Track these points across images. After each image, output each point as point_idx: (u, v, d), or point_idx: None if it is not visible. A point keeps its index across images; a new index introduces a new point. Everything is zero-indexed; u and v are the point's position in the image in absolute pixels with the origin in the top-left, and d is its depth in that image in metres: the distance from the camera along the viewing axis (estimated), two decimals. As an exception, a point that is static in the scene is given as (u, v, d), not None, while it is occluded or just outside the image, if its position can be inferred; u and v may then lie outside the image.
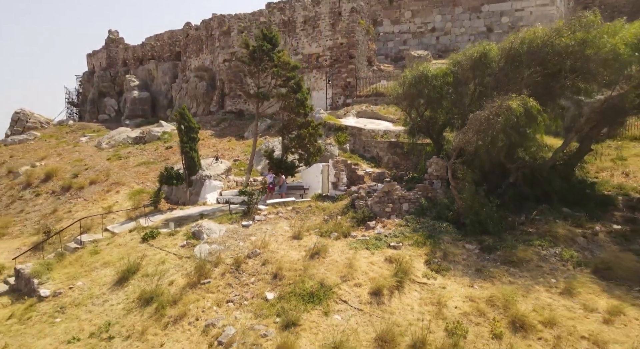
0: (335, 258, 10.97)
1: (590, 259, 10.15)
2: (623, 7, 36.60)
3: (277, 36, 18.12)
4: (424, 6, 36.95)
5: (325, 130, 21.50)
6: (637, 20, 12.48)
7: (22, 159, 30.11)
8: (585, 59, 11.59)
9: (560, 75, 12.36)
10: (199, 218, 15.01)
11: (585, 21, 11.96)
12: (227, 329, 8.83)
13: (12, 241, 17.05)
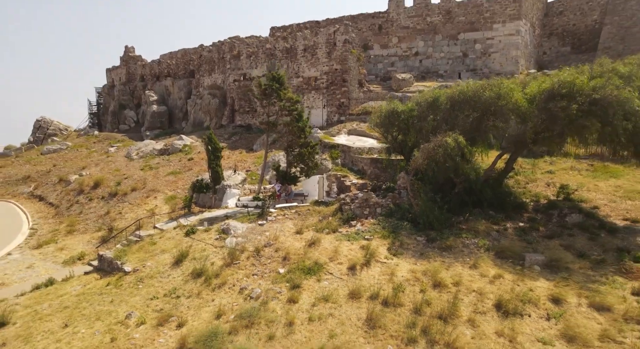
0: (325, 246, 15.68)
1: (496, 245, 14.88)
2: (582, 34, 41.37)
3: (284, 77, 22.86)
4: (408, 33, 41.71)
5: (321, 147, 26.28)
6: (535, 81, 17.13)
7: (65, 167, 34.85)
8: (500, 107, 16.33)
9: (485, 117, 17.09)
10: (225, 218, 19.74)
11: (498, 82, 16.63)
12: (255, 290, 13.54)
13: (81, 235, 21.81)
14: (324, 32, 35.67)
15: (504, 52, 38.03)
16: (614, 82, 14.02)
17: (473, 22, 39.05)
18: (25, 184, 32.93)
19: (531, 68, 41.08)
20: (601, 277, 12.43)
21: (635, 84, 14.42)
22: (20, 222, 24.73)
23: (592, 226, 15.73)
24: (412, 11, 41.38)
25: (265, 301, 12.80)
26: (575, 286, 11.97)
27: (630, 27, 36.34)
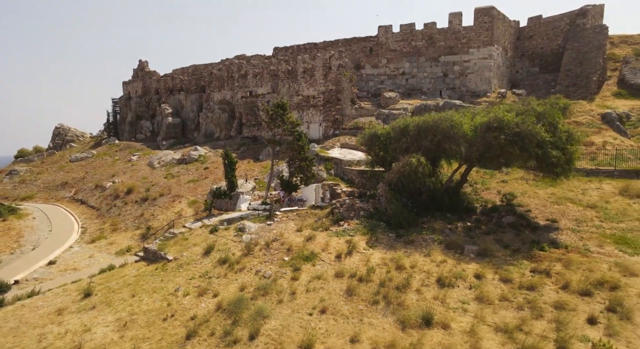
0: (319, 241, 20.41)
1: (446, 239, 19.61)
2: (548, 57, 46.18)
3: (286, 104, 27.63)
4: (396, 55, 46.53)
5: (318, 160, 31.05)
6: (479, 114, 21.85)
7: (96, 174, 39.58)
8: (453, 135, 21.09)
9: (443, 141, 21.84)
10: (240, 219, 24.49)
11: (450, 116, 21.38)
12: (267, 272, 18.28)
13: (124, 233, 26.56)
14: (321, 57, 40.46)
15: (478, 73, 42.87)
16: (530, 119, 18.81)
17: (452, 46, 43.89)
18: (64, 189, 37.69)
19: (504, 86, 45.96)
20: (514, 261, 17.18)
21: (547, 120, 19.20)
22: (71, 222, 29.45)
23: (521, 225, 20.49)
24: (399, 36, 46.22)
25: (275, 279, 17.54)
26: (493, 267, 16.71)
27: (586, 53, 41.14)
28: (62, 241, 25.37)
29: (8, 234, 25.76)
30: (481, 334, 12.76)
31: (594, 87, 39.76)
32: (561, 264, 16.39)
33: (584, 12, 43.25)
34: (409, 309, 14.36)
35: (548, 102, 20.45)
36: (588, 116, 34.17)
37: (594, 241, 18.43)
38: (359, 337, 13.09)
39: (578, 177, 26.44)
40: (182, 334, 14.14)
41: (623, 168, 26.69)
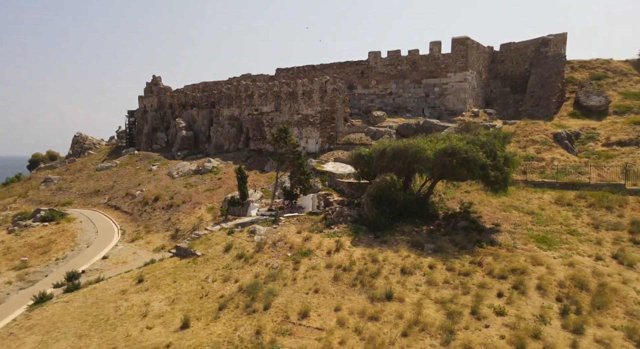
0: (314, 241, 25.80)
1: (412, 239, 25.01)
2: (517, 79, 51.69)
3: (288, 129, 33.03)
4: (384, 78, 52.02)
5: (314, 173, 36.47)
6: (441, 141, 27.24)
7: (123, 183, 44.97)
8: (419, 157, 26.50)
9: (413, 162, 27.26)
10: (251, 223, 29.88)
11: (417, 143, 26.82)
12: (274, 264, 23.67)
13: (156, 234, 31.99)
14: (318, 82, 45.93)
15: (455, 94, 48.37)
16: (475, 148, 24.26)
17: (432, 71, 49.39)
18: (97, 196, 43.11)
19: (479, 104, 51.47)
20: (459, 255, 22.58)
21: (489, 148, 24.66)
22: (111, 225, 34.80)
23: (471, 228, 25.88)
24: (386, 61, 51.73)
25: (281, 269, 22.95)
26: (443, 260, 22.11)
27: (548, 77, 46.64)
28: (108, 240, 30.71)
29: (64, 235, 31.09)
30: (424, 305, 18.17)
31: (554, 108, 45.26)
32: (491, 257, 21.81)
33: (546, 41, 48.77)
34: (377, 289, 19.74)
35: (491, 133, 25.91)
36: (543, 135, 39.61)
37: (522, 240, 23.87)
38: (341, 307, 18.49)
39: (527, 189, 31.95)
40: (215, 307, 19.54)
41: (563, 181, 32.15)
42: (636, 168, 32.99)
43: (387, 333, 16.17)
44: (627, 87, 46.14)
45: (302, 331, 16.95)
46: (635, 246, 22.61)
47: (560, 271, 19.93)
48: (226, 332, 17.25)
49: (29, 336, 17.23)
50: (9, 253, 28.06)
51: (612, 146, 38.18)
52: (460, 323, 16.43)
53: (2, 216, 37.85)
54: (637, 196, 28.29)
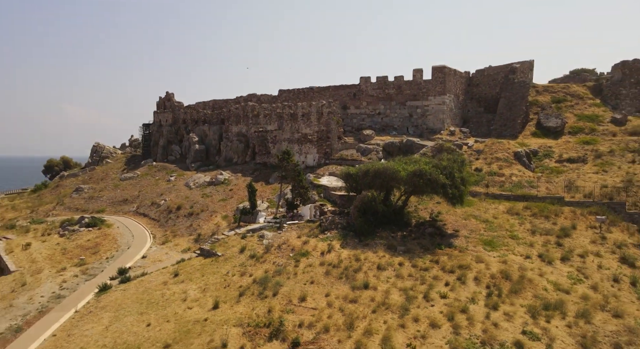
0: (311, 244, 31.81)
1: (388, 243, 31.01)
2: (490, 101, 57.83)
3: (290, 151, 39.10)
4: (373, 99, 58.16)
5: (312, 186, 42.53)
6: (413, 164, 33.32)
7: (147, 193, 50.95)
8: (395, 177, 32.57)
9: (390, 180, 33.32)
10: (260, 229, 35.91)
11: (393, 165, 32.92)
12: (280, 263, 29.67)
13: (181, 238, 38.03)
14: (315, 105, 52.04)
15: (435, 115, 54.49)
16: (437, 170, 30.35)
17: (415, 94, 55.54)
18: (126, 204, 49.15)
19: (457, 123, 57.59)
20: (423, 255, 28.58)
21: (447, 170, 30.75)
22: (143, 230, 40.74)
23: (435, 234, 31.92)
24: (375, 85, 57.88)
25: (285, 266, 28.97)
26: (410, 259, 28.12)
27: (514, 101, 52.80)
28: (143, 243, 36.65)
29: (107, 238, 37.03)
30: (391, 292, 24.18)
31: (519, 128, 51.43)
32: (447, 257, 27.87)
33: (514, 69, 54.95)
34: (357, 281, 25.75)
35: (451, 158, 32.06)
36: (505, 153, 45.71)
37: (473, 243, 29.94)
38: (330, 294, 24.51)
39: (487, 200, 38.07)
40: (236, 294, 25.56)
41: (517, 193, 38.26)
42: (577, 183, 39.18)
43: (362, 310, 22.21)
44: (581, 109, 52.35)
45: (301, 310, 22.99)
46: (558, 248, 28.72)
47: (495, 266, 26.01)
48: (246, 311, 23.30)
49: (104, 313, 23.24)
50: (67, 253, 34.05)
51: (563, 163, 44.35)
52: (414, 303, 22.48)
53: (50, 222, 43.81)
54: (572, 207, 34.43)
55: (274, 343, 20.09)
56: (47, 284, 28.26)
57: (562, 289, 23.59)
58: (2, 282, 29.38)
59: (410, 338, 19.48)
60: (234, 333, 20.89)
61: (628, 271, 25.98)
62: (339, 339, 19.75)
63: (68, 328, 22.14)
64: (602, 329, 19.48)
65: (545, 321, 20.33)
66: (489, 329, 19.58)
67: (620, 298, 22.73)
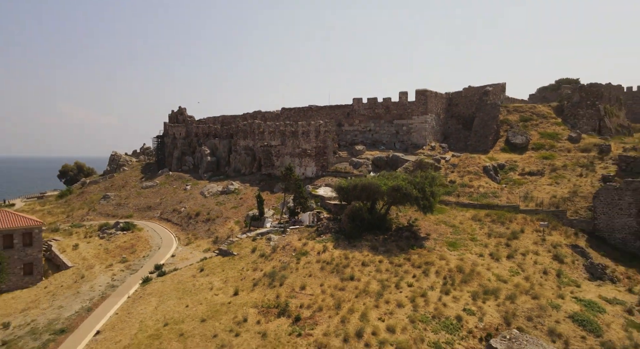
0: (310, 245, 38.26)
1: (372, 244, 37.49)
2: (467, 119, 64.40)
3: (292, 166, 45.62)
4: (365, 118, 64.74)
5: (310, 196, 49.03)
6: (392, 179, 39.90)
7: (168, 200, 57.39)
8: (378, 190, 39.07)
9: (374, 193, 39.82)
10: (267, 233, 42.38)
11: (376, 180, 39.49)
12: (284, 260, 36.14)
13: (201, 240, 44.51)
14: (314, 125, 58.61)
15: (418, 132, 61.07)
16: (411, 186, 36.90)
17: (401, 114, 62.13)
18: (150, 210, 55.62)
19: (438, 138, 64.13)
20: (399, 254, 35.05)
21: (420, 186, 37.28)
22: (168, 233, 47.14)
23: (411, 237, 38.41)
24: (366, 105, 64.48)
25: (289, 263, 35.43)
26: (388, 257, 34.57)
27: (487, 120, 59.39)
28: (170, 244, 43.05)
29: (140, 240, 43.43)
30: (371, 282, 30.62)
31: (490, 144, 58.00)
32: (417, 255, 34.36)
33: (487, 92, 61.57)
34: (345, 274, 32.21)
35: (424, 175, 38.63)
36: (476, 167, 52.24)
37: (440, 244, 36.44)
38: (324, 283, 30.97)
39: (457, 208, 44.60)
40: (251, 284, 32.03)
41: (482, 203, 44.80)
42: (533, 193, 45.73)
43: (347, 296, 28.69)
44: (545, 128, 58.96)
45: (302, 296, 29.48)
46: (506, 248, 35.25)
47: (453, 263, 32.52)
48: (259, 297, 29.78)
49: (151, 298, 29.70)
50: (110, 252, 40.48)
51: (525, 176, 50.86)
52: (388, 291, 28.97)
53: (88, 226, 50.21)
54: (524, 214, 40.95)
55: (282, 319, 26.56)
56: (101, 277, 34.73)
57: (501, 279, 30.11)
58: (65, 275, 35.88)
59: (381, 314, 25.99)
60: (252, 312, 27.38)
61: (557, 265, 32.55)
62: (329, 316, 26.25)
63: (126, 308, 28.60)
64: (521, 307, 26.02)
65: (482, 302, 26.85)
66: (439, 308, 26.12)
67: (544, 285, 29.27)
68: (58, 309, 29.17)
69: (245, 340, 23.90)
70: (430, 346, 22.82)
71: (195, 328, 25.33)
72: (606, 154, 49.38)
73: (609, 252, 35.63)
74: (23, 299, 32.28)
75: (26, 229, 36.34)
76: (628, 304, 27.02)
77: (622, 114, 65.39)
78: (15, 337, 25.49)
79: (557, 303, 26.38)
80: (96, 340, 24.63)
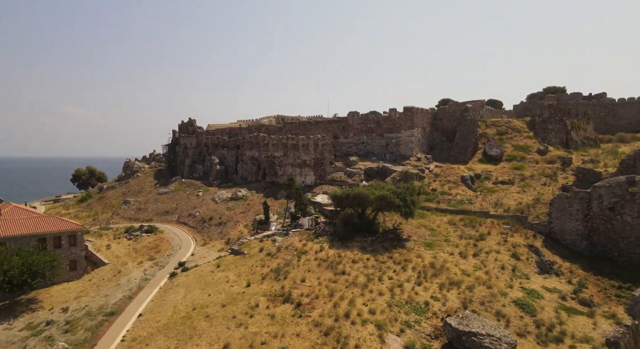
0: (308, 246, 44.16)
1: (361, 245, 43.41)
2: (450, 132, 70.46)
3: (293, 176, 51.63)
4: (358, 131, 70.79)
5: (309, 203, 55.02)
6: (379, 189, 45.92)
7: (183, 206, 63.35)
8: (367, 199, 45.04)
9: (364, 201, 45.79)
10: (273, 235, 48.28)
11: (365, 190, 45.53)
12: (287, 258, 42.07)
13: (215, 241, 50.46)
14: (313, 138, 64.62)
15: (406, 144, 67.11)
16: (395, 196, 42.91)
17: (391, 128, 68.19)
18: (168, 215, 61.54)
19: (424, 149, 70.15)
20: (384, 253, 40.99)
21: (402, 196, 43.28)
22: (186, 236, 53.03)
23: (394, 239, 44.33)
24: (360, 120, 70.52)
25: (291, 260, 41.33)
26: (375, 255, 40.40)
27: (466, 134, 65.40)
28: (189, 245, 48.93)
29: (163, 241, 49.30)
30: (359, 276, 36.52)
31: (470, 155, 64.01)
32: (398, 254, 40.29)
33: (467, 109, 67.63)
34: (338, 269, 38.15)
35: (405, 186, 44.64)
36: (455, 176, 58.24)
37: (418, 245, 42.40)
38: (320, 277, 36.91)
39: (436, 213, 50.62)
40: (260, 278, 37.94)
41: (458, 208, 50.79)
42: (503, 200, 51.73)
43: (339, 287, 34.63)
44: (518, 141, 65.01)
45: (302, 287, 35.42)
46: (474, 247, 41.19)
47: (427, 260, 38.47)
48: (267, 288, 35.72)
49: (179, 289, 35.63)
50: (138, 252, 46.40)
51: (498, 184, 56.89)
52: (372, 282, 34.90)
53: (115, 228, 56.10)
54: (493, 219, 46.90)
55: (286, 305, 32.50)
56: (134, 271, 40.66)
57: (465, 273, 36.08)
58: (104, 270, 41.79)
59: (366, 300, 31.94)
60: (262, 299, 33.34)
61: (514, 262, 38.52)
62: (324, 302, 32.21)
63: (160, 296, 34.52)
64: (477, 295, 32.01)
65: (446, 291, 32.82)
66: (412, 296, 32.10)
67: (499, 278, 35.26)
68: (104, 297, 35.12)
69: (258, 320, 29.86)
70: (401, 324, 28.81)
71: (218, 312, 31.30)
72: (567, 166, 55.45)
73: (560, 251, 41.61)
74: (72, 289, 38.20)
75: (71, 232, 42.26)
76: (563, 292, 33.06)
77: (589, 128, 71.42)
78: (75, 318, 31.41)
79: (506, 291, 32.40)
80: (140, 320, 30.58)
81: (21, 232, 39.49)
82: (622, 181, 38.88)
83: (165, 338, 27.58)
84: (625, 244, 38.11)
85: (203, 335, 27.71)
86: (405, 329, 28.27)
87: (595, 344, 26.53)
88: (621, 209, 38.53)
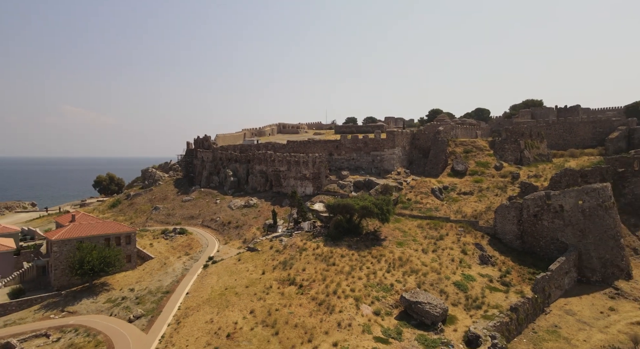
0: (308, 244, 54.93)
1: (349, 244, 54.36)
2: (426, 150, 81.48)
3: (295, 188, 62.60)
4: (349, 150, 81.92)
5: (308, 210, 65.94)
6: (362, 201, 56.98)
7: (205, 211, 74.31)
8: (353, 208, 55.97)
9: (353, 210, 56.74)
10: (280, 236, 59.10)
11: (353, 200, 56.58)
12: (292, 254, 53.05)
13: (235, 241, 61.29)
14: (311, 156, 75.69)
15: (388, 161, 78.21)
16: (374, 206, 53.91)
17: (376, 147, 79.30)
18: (193, 219, 72.40)
19: (404, 165, 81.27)
20: (366, 250, 51.81)
21: (379, 206, 54.25)
22: (211, 236, 63.80)
23: (374, 239, 55.14)
24: (350, 141, 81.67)
25: (295, 255, 52.28)
26: (358, 252, 51.33)
27: (438, 152, 76.45)
28: (214, 244, 59.64)
29: (193, 241, 60.03)
30: (345, 266, 47.41)
31: (440, 170, 75.03)
32: (376, 251, 51.23)
33: (439, 131, 78.75)
34: (330, 262, 49.06)
35: (383, 198, 55.64)
36: (426, 188, 69.19)
37: (392, 244, 53.30)
38: (316, 267, 47.75)
39: (409, 219, 61.68)
40: (272, 268, 48.72)
41: (426, 215, 61.79)
42: (463, 208, 62.75)
43: (330, 274, 45.48)
44: (480, 158, 76.08)
45: (303, 274, 46.30)
46: (434, 245, 52.08)
47: (397, 255, 49.40)
48: (278, 275, 46.59)
49: (212, 276, 46.45)
50: (175, 249, 57.20)
51: (461, 195, 67.88)
52: (355, 271, 45.75)
53: (152, 230, 66.88)
54: (452, 223, 57.90)
55: (292, 286, 43.35)
56: (176, 264, 51.49)
57: (424, 264, 47.01)
58: (152, 263, 52.59)
59: (349, 283, 42.84)
60: (274, 283, 44.23)
61: (462, 256, 49.49)
62: (319, 284, 43.08)
63: (198, 281, 45.37)
64: (429, 279, 42.94)
65: (407, 277, 43.77)
66: (382, 280, 43.05)
67: (448, 267, 46.21)
68: (158, 281, 45.96)
69: (272, 296, 40.78)
70: (373, 298, 39.75)
71: (243, 291, 42.22)
72: (516, 180, 66.52)
73: (500, 247, 52.61)
74: (132, 276, 48.99)
75: (127, 233, 53.05)
76: (492, 277, 44.08)
77: (542, 145, 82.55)
78: (141, 295, 42.21)
79: (449, 276, 43.40)
80: (188, 296, 41.46)
81: (94, 233, 50.33)
82: (542, 195, 49.96)
83: (209, 307, 38.51)
84: (544, 242, 49.16)
85: (235, 305, 38.63)
86: (375, 302, 39.20)
87: (502, 309, 37.54)
88: (541, 216, 49.60)
